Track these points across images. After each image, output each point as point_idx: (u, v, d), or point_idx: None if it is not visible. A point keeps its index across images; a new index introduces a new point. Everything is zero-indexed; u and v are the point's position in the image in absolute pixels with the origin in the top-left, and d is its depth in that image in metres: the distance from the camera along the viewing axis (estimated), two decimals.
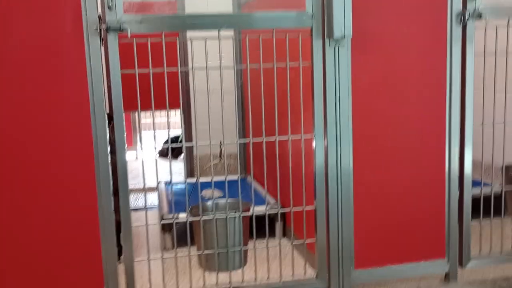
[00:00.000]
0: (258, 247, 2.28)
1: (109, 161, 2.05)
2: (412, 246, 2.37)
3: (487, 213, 2.40)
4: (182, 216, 2.86)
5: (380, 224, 2.33)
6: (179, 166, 5.43)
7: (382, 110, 2.27)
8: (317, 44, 2.14)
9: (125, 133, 2.07)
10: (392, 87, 2.26)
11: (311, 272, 2.37)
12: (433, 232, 2.38)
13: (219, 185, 3.37)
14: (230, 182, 2.32)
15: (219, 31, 2.05)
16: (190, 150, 4.28)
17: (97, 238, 2.07)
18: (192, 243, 2.36)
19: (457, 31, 2.24)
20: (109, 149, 2.05)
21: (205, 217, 2.36)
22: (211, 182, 2.30)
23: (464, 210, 2.38)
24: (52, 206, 2.03)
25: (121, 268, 2.13)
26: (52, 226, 2.03)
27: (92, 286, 2.08)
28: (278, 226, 2.93)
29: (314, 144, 2.23)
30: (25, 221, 2.01)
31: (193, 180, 3.92)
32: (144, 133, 6.78)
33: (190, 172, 4.29)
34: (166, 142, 6.15)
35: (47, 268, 2.05)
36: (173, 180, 2.27)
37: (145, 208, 2.20)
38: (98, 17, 1.93)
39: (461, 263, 2.41)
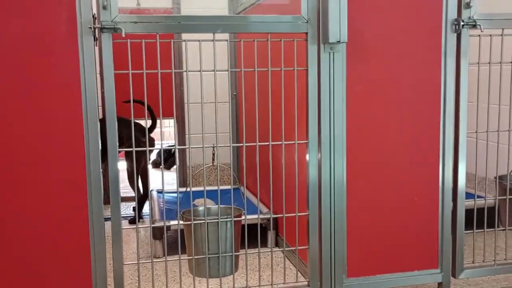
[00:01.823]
0: (249, 253, 2.25)
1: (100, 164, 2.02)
2: (405, 256, 2.35)
3: (480, 225, 2.39)
4: (174, 223, 2.83)
5: (373, 233, 2.31)
6: (172, 176, 5.42)
7: (376, 119, 2.26)
8: (312, 49, 2.14)
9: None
10: (387, 96, 2.26)
11: (303, 281, 2.34)
12: (426, 242, 2.36)
13: (212, 194, 3.36)
14: (223, 191, 2.30)
15: (214, 34, 2.05)
16: (183, 159, 4.26)
17: (86, 242, 2.03)
18: (183, 250, 2.33)
19: (452, 39, 2.24)
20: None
21: (196, 221, 2.33)
22: (203, 191, 2.28)
23: (457, 221, 2.36)
24: (41, 209, 1.99)
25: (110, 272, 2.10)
26: (43, 229, 2.00)
27: None
28: (271, 234, 2.90)
29: (307, 151, 2.21)
30: (15, 225, 1.97)
31: (185, 189, 3.89)
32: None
33: (183, 182, 4.27)
34: (159, 152, 6.14)
35: (35, 270, 2.01)
36: (166, 189, 2.24)
37: (136, 212, 2.17)
38: (93, 16, 1.93)
39: (454, 274, 2.39)
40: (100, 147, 2.02)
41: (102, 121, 2.00)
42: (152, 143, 3.59)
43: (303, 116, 2.21)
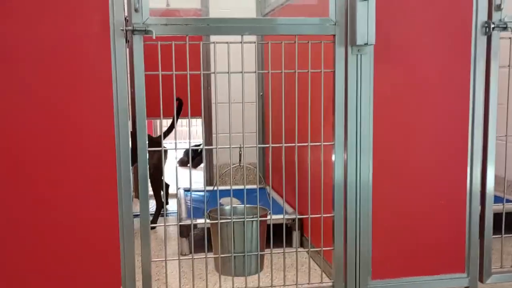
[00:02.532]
0: (275, 253, 2.27)
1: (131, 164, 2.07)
2: (431, 259, 2.34)
3: (508, 229, 2.36)
4: (201, 221, 2.88)
5: (399, 236, 2.31)
6: (199, 175, 5.48)
7: (403, 121, 2.26)
8: (339, 51, 2.15)
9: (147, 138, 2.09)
10: (414, 98, 2.25)
11: (327, 281, 2.35)
12: (453, 246, 2.35)
13: (238, 194, 3.39)
14: (248, 190, 2.33)
15: (242, 36, 2.08)
16: (210, 158, 4.30)
17: (116, 238, 2.09)
18: (209, 248, 2.36)
19: (482, 42, 2.22)
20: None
21: (222, 220, 2.36)
22: (229, 191, 2.31)
23: (485, 225, 2.34)
24: (74, 205, 2.05)
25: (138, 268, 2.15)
26: (75, 224, 2.06)
27: (110, 285, 2.09)
28: (296, 234, 2.91)
29: (333, 153, 2.22)
30: (48, 219, 2.04)
31: (212, 187, 3.94)
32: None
33: (209, 181, 4.32)
34: (186, 151, 6.22)
35: (66, 265, 2.07)
36: (193, 187, 2.28)
37: (164, 210, 2.21)
38: (125, 18, 1.98)
39: (481, 278, 2.37)
40: (130, 145, 2.07)
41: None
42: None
43: (329, 118, 2.22)
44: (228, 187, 3.54)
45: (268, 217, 2.59)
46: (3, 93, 1.96)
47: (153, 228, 3.47)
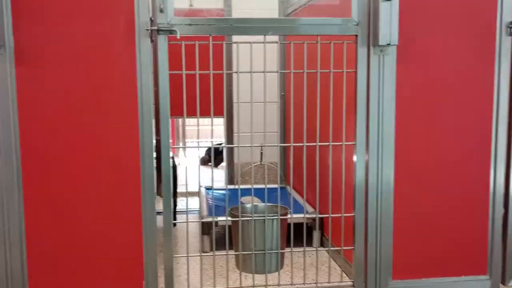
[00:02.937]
0: (295, 251, 2.28)
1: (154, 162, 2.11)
2: (452, 261, 2.33)
3: None
4: (222, 219, 2.91)
5: (421, 237, 2.30)
6: (220, 174, 5.52)
7: (426, 122, 2.25)
8: (362, 52, 2.15)
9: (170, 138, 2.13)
10: (437, 99, 2.24)
11: (347, 281, 2.36)
12: (475, 248, 2.33)
13: (259, 193, 3.41)
14: (269, 189, 2.35)
15: (264, 36, 2.10)
16: (231, 157, 4.33)
17: (139, 235, 2.13)
18: (230, 246, 2.39)
19: (506, 42, 2.20)
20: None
21: (243, 218, 2.38)
22: (250, 189, 2.33)
23: (508, 227, 2.32)
24: (99, 202, 2.10)
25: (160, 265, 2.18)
26: (100, 221, 2.11)
27: (132, 280, 2.14)
28: (316, 234, 2.92)
29: (355, 153, 2.23)
30: (73, 216, 2.09)
31: (233, 186, 3.97)
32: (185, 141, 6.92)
33: (230, 179, 4.35)
34: (208, 150, 6.27)
35: (91, 260, 2.12)
36: (214, 186, 2.31)
37: (186, 208, 2.25)
38: (150, 19, 2.01)
39: (503, 281, 2.35)
40: (154, 144, 2.10)
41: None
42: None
43: (351, 118, 2.23)
44: (249, 186, 3.56)
45: (289, 215, 2.60)
46: (34, 91, 2.01)
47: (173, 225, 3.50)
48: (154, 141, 2.13)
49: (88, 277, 2.13)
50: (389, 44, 2.09)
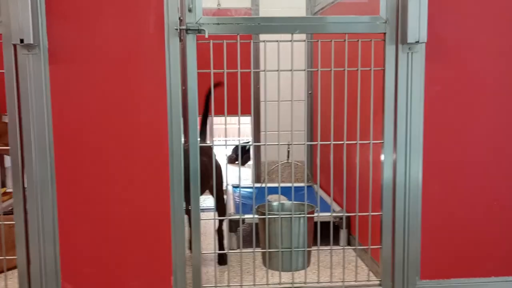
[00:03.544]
0: (321, 249, 2.29)
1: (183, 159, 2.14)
2: (482, 261, 2.29)
3: None
4: (249, 216, 2.93)
5: (449, 236, 2.27)
6: (246, 172, 5.55)
7: (455, 121, 2.22)
8: (390, 50, 2.14)
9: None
10: (467, 97, 2.21)
11: (374, 280, 2.34)
12: (505, 249, 2.29)
13: (285, 191, 3.42)
14: (296, 188, 2.35)
15: (292, 35, 2.10)
16: (258, 155, 4.35)
17: (168, 231, 2.16)
18: (257, 243, 2.40)
19: None
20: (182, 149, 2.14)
21: (270, 216, 2.40)
22: (277, 188, 2.34)
23: None
24: (129, 199, 2.14)
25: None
26: (129, 218, 2.15)
27: (161, 275, 2.17)
28: (343, 232, 2.92)
29: (382, 152, 2.21)
30: (104, 211, 2.14)
31: (259, 184, 3.99)
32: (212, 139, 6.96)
33: (257, 178, 4.37)
34: (235, 149, 6.31)
35: (122, 254, 2.17)
36: (241, 184, 2.33)
37: (214, 205, 2.27)
38: (179, 18, 2.04)
39: None
40: (182, 142, 2.13)
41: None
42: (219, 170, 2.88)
43: (379, 116, 2.22)
44: (275, 184, 3.57)
45: (315, 213, 2.60)
46: (66, 90, 2.07)
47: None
48: (182, 140, 2.17)
49: (118, 272, 2.17)
50: (417, 41, 2.07)
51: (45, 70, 2.04)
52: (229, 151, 6.34)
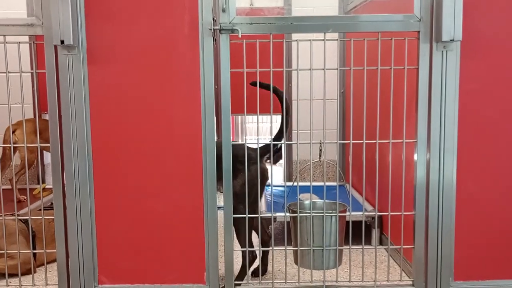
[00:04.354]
0: (353, 248, 2.28)
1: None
2: None
3: None
4: (280, 214, 2.94)
5: (484, 237, 2.24)
6: (278, 171, 5.56)
7: (491, 119, 2.19)
8: (424, 48, 2.12)
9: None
10: (503, 96, 2.17)
11: (407, 280, 2.33)
12: None
13: (317, 190, 3.42)
14: (327, 187, 2.35)
15: (324, 34, 2.11)
16: (289, 154, 4.36)
17: (201, 228, 2.20)
18: (289, 241, 2.41)
19: None
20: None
21: (302, 214, 2.41)
22: (308, 186, 2.34)
23: None
24: (164, 195, 2.19)
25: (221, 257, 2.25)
26: (164, 214, 2.20)
27: (195, 271, 2.21)
28: (375, 232, 2.90)
29: (415, 151, 2.20)
30: (139, 208, 2.20)
31: (291, 183, 4.00)
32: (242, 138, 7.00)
33: (288, 176, 4.38)
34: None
35: (156, 251, 2.22)
36: (272, 182, 2.34)
37: (245, 203, 2.29)
38: (213, 19, 2.08)
39: None
40: (215, 141, 2.17)
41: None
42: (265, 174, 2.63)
43: (412, 115, 2.20)
44: (307, 183, 3.58)
45: (347, 212, 2.60)
46: (104, 89, 2.13)
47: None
48: (215, 137, 2.20)
49: (153, 266, 2.22)
50: (452, 39, 2.05)
51: (84, 69, 2.11)
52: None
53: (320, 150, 2.46)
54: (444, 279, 2.24)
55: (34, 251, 2.52)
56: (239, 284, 2.37)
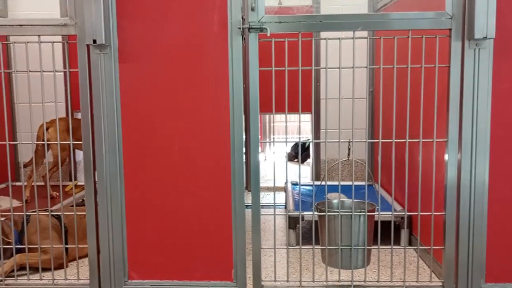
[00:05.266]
0: (382, 248, 2.26)
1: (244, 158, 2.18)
2: None
3: None
4: (308, 213, 2.94)
5: None
6: (306, 169, 5.55)
7: None
8: (455, 46, 2.09)
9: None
10: None
11: (437, 281, 2.30)
12: None
13: (345, 190, 3.40)
14: (356, 187, 2.34)
15: (354, 32, 2.10)
16: (318, 153, 4.35)
17: (229, 226, 2.22)
18: (316, 240, 2.41)
19: None
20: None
21: (330, 213, 2.40)
22: (337, 186, 2.33)
23: None
24: (193, 193, 2.21)
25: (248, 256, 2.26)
26: (192, 212, 2.22)
27: (222, 268, 2.23)
28: (404, 232, 2.87)
29: (446, 150, 2.16)
30: (168, 205, 2.22)
31: (319, 182, 3.99)
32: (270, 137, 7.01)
33: (316, 175, 4.36)
34: (294, 146, 6.32)
35: (184, 248, 2.24)
36: (300, 181, 2.35)
37: (274, 202, 2.30)
38: (242, 17, 2.09)
39: None
40: (244, 139, 2.18)
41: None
42: None
43: (443, 114, 2.17)
44: (334, 183, 3.56)
45: (376, 212, 2.58)
46: (134, 86, 2.16)
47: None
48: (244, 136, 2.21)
49: (181, 262, 2.25)
50: (485, 37, 2.01)
51: (115, 68, 2.15)
52: (288, 148, 6.36)
53: (349, 149, 2.45)
54: (475, 281, 2.20)
55: (66, 245, 2.57)
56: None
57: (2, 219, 2.54)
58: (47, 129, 3.36)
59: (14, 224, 2.56)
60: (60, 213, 2.51)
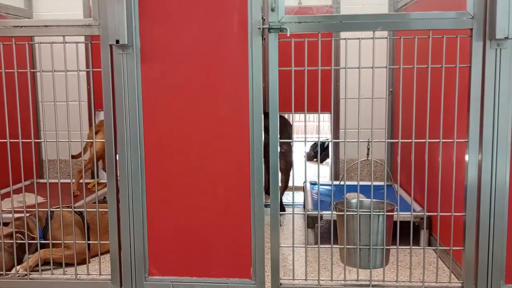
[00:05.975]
0: (401, 248, 2.26)
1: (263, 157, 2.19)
2: None
3: None
4: (327, 213, 2.95)
5: None
6: (324, 169, 5.55)
7: None
8: (476, 46, 2.08)
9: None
10: None
11: (456, 282, 2.29)
12: None
13: (363, 190, 3.40)
14: (374, 187, 2.34)
15: (373, 32, 2.10)
16: (337, 152, 4.35)
17: (248, 224, 2.24)
18: (335, 240, 2.42)
19: None
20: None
21: (349, 213, 2.40)
22: (354, 186, 2.34)
23: None
24: (212, 191, 2.24)
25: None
26: (212, 210, 2.25)
27: (241, 266, 2.25)
28: (423, 233, 2.86)
29: (467, 151, 2.15)
30: (188, 203, 2.26)
31: (338, 182, 3.99)
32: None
33: (335, 175, 4.36)
34: (313, 146, 6.32)
35: (204, 245, 2.27)
36: (319, 181, 2.36)
37: (292, 201, 2.32)
38: (262, 18, 2.11)
39: None
40: (263, 139, 2.20)
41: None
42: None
43: (463, 114, 2.16)
44: (353, 183, 3.56)
45: (395, 212, 2.57)
46: (155, 86, 2.20)
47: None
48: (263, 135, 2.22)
49: (201, 259, 2.28)
50: (507, 37, 1.99)
51: (137, 68, 2.19)
52: (307, 148, 6.36)
53: (368, 149, 2.45)
54: (494, 282, 2.18)
55: (89, 241, 2.63)
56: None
57: (27, 215, 2.60)
58: (96, 133, 3.30)
59: (38, 220, 2.62)
60: (83, 209, 2.56)
